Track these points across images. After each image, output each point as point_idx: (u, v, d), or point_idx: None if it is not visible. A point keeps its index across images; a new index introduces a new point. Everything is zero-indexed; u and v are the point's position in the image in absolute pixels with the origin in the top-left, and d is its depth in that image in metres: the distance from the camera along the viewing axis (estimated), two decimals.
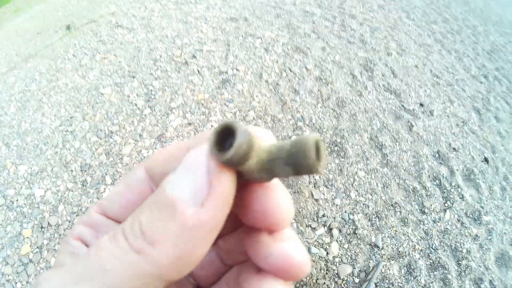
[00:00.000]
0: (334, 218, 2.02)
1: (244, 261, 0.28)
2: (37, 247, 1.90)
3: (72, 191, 2.09)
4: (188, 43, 3.22)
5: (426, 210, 2.19)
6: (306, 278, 1.79)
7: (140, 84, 2.75)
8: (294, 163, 0.20)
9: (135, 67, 2.93)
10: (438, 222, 2.16)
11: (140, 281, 0.18)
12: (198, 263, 0.20)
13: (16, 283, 1.80)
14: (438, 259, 1.99)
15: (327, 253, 1.88)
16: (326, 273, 1.81)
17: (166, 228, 0.18)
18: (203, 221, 0.19)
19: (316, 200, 2.08)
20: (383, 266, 1.89)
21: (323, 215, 2.01)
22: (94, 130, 2.42)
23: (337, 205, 2.08)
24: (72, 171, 2.20)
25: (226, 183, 0.20)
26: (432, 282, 1.89)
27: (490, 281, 1.98)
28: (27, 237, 1.93)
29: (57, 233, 1.94)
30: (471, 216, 2.26)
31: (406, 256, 1.96)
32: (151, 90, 2.69)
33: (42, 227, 1.97)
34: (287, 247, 0.22)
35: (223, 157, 0.19)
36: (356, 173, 2.26)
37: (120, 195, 0.26)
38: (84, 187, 2.11)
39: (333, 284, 1.78)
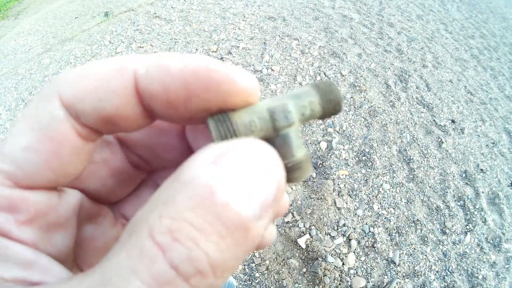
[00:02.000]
0: (354, 229, 1.85)
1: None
2: None
3: None
4: (225, 39, 3.07)
5: (447, 231, 1.98)
6: (319, 286, 1.64)
7: None
8: (326, 102, 0.20)
9: None
10: (457, 244, 1.95)
11: None
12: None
13: None
14: (453, 282, 1.80)
15: (343, 264, 1.72)
16: (339, 284, 1.66)
17: (236, 252, 0.14)
18: (261, 233, 0.15)
19: (339, 208, 1.91)
20: (396, 284, 1.72)
21: (344, 225, 1.85)
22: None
23: (358, 216, 1.90)
24: None
25: (282, 195, 0.16)
26: None
27: None
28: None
29: None
30: (491, 242, 2.04)
31: (421, 276, 1.78)
32: None
33: None
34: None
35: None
36: (381, 185, 2.06)
37: (32, 151, 0.16)
38: None
39: None
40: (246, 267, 1.69)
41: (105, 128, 0.17)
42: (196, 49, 2.90)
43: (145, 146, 0.23)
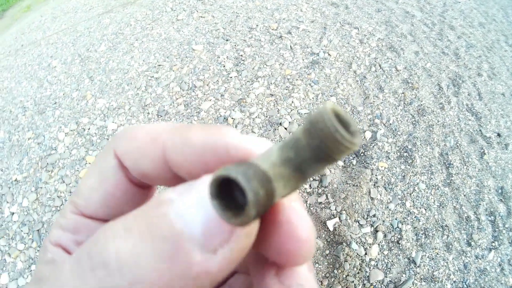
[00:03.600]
0: (383, 221, 1.69)
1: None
2: None
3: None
4: (286, 19, 2.83)
5: (473, 243, 1.79)
6: (338, 270, 1.52)
7: (232, 48, 2.46)
8: (318, 149, 0.13)
9: (230, 31, 2.64)
10: (480, 259, 1.76)
11: None
12: None
13: (66, 200, 1.70)
14: None
15: (365, 253, 1.59)
16: (358, 273, 1.53)
17: (160, 268, 0.12)
18: (211, 272, 0.12)
19: (372, 199, 1.74)
20: (412, 284, 1.56)
21: (374, 215, 1.69)
22: (179, 81, 2.22)
23: (390, 210, 1.73)
24: (148, 113, 2.04)
25: (253, 230, 0.14)
26: None
27: None
28: (89, 163, 1.81)
29: None
30: None
31: (438, 282, 1.62)
32: (241, 55, 2.39)
33: None
34: None
35: (234, 221, 0.12)
36: (417, 184, 1.87)
37: (95, 190, 0.18)
38: None
39: (360, 285, 1.51)
40: None
41: (147, 181, 0.18)
42: (257, 25, 2.69)
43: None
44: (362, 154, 1.90)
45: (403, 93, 2.32)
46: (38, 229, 1.66)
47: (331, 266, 1.53)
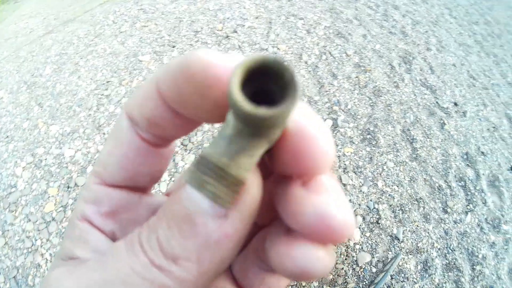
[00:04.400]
0: (359, 205, 1.89)
1: (272, 221, 0.21)
2: (62, 206, 1.84)
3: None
4: (230, 18, 3.05)
5: (449, 210, 2.04)
6: None
7: (180, 54, 2.62)
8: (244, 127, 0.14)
9: (176, 37, 2.80)
10: (458, 223, 2.01)
11: None
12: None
13: (36, 240, 1.74)
14: (454, 260, 1.86)
15: (349, 239, 1.76)
16: (346, 259, 1.71)
17: (187, 245, 0.15)
18: (228, 235, 0.15)
19: (344, 185, 1.95)
20: (400, 260, 1.77)
21: (349, 201, 1.88)
22: (131, 95, 2.31)
23: (363, 193, 1.94)
24: (104, 134, 2.12)
25: (255, 189, 0.16)
26: (445, 283, 1.77)
27: None
28: (52, 196, 1.88)
29: None
30: (490, 222, 2.10)
31: (424, 253, 1.83)
32: None
33: (68, 187, 1.91)
34: (325, 202, 0.16)
35: (267, 113, 0.12)
36: (385, 163, 2.10)
37: (111, 155, 0.20)
38: None
39: (350, 271, 1.68)
40: None
41: (157, 131, 0.19)
42: (201, 28, 2.88)
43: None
44: None
45: (357, 77, 2.60)
46: (14, 276, 1.66)
47: None
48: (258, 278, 0.22)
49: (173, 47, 2.69)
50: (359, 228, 1.82)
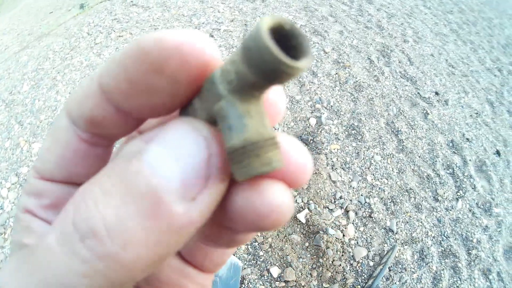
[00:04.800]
0: (351, 200, 1.99)
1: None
2: None
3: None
4: (205, 22, 3.15)
5: (439, 198, 2.16)
6: (323, 259, 1.77)
7: None
8: (259, 75, 0.14)
9: None
10: (450, 210, 2.13)
11: None
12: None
13: None
14: (449, 247, 1.97)
15: (343, 235, 1.86)
16: (342, 255, 1.79)
17: (146, 226, 0.14)
18: (193, 220, 0.15)
19: (334, 182, 2.04)
20: (398, 250, 1.87)
21: (340, 197, 1.98)
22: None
23: (353, 188, 2.04)
24: None
25: (227, 173, 0.16)
26: (443, 270, 1.87)
27: (498, 272, 1.96)
28: None
29: None
30: (482, 207, 2.24)
31: (419, 242, 1.94)
32: None
33: None
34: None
35: (299, 64, 0.13)
36: (372, 157, 2.22)
37: (49, 152, 0.21)
38: None
39: (348, 266, 1.77)
40: (249, 246, 1.79)
41: (97, 131, 0.20)
42: None
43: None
44: (311, 141, 2.22)
45: (336, 73, 2.73)
46: None
47: (315, 256, 1.78)
48: (202, 252, 0.24)
49: None
50: (353, 223, 1.91)
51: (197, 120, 0.16)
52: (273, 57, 0.13)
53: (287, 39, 0.15)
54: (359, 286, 1.74)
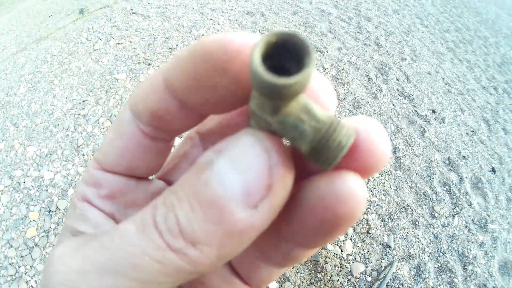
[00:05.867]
0: None
1: None
2: (44, 231, 1.88)
3: (83, 175, 2.08)
4: (205, 34, 3.23)
5: (436, 215, 2.22)
6: (321, 274, 1.82)
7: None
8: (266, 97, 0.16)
9: (151, 55, 2.92)
10: (447, 226, 2.19)
11: (174, 277, 0.16)
12: None
13: (20, 266, 1.76)
14: (446, 262, 2.02)
15: (342, 251, 1.91)
16: (340, 271, 1.84)
17: (210, 230, 0.16)
18: (254, 225, 0.16)
19: None
20: (396, 266, 1.92)
21: None
22: (108, 115, 2.41)
23: None
24: (84, 154, 2.18)
25: (289, 182, 0.17)
26: (439, 285, 1.92)
27: None
28: (34, 220, 1.90)
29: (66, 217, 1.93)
30: (477, 223, 2.30)
31: (416, 258, 1.99)
32: None
33: (50, 211, 1.95)
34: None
35: (285, 81, 0.14)
36: None
37: (112, 144, 0.22)
38: None
39: (346, 282, 1.81)
40: None
41: (159, 125, 0.21)
42: (177, 45, 3.03)
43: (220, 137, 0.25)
44: None
45: (335, 90, 2.81)
46: None
47: (313, 272, 1.83)
48: (252, 266, 0.24)
49: (149, 64, 2.81)
50: (351, 239, 1.97)
51: (261, 133, 0.17)
52: (266, 81, 0.14)
53: (290, 50, 0.15)
54: None
